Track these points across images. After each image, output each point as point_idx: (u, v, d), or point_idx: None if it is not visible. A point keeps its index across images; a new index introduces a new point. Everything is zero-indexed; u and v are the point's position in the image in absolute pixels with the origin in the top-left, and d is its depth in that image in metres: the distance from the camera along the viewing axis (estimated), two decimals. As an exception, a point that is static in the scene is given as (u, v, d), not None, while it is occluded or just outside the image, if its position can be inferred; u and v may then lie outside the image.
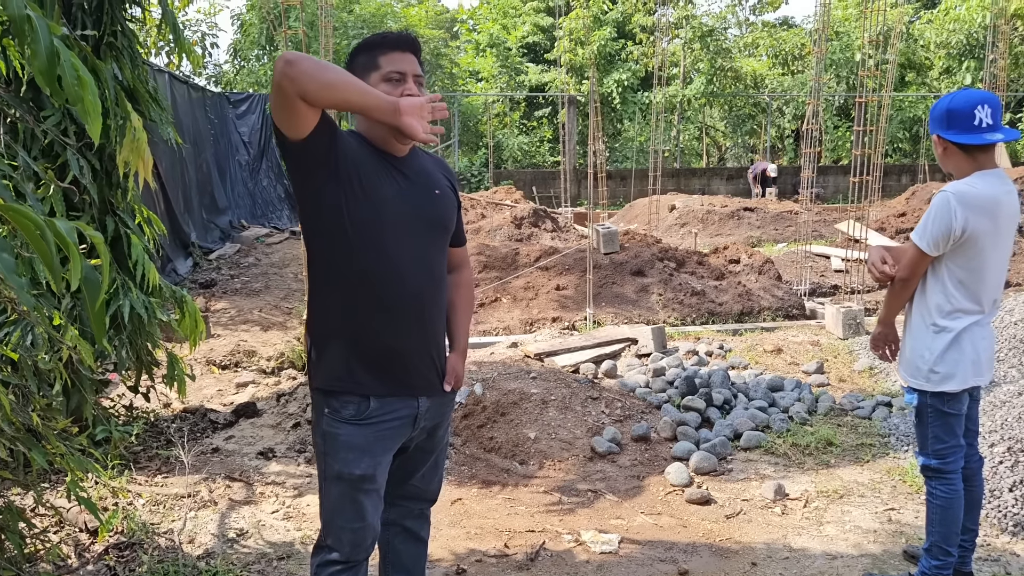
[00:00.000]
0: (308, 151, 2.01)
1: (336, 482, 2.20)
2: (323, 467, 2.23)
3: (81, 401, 3.85)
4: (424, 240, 2.21)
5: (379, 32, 2.25)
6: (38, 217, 1.10)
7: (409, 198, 2.17)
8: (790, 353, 6.23)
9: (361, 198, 2.08)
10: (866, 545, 3.42)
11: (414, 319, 2.21)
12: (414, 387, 2.25)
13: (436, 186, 2.27)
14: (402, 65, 2.15)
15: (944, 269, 2.83)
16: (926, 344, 2.88)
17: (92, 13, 3.86)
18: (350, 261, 2.12)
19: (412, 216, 2.16)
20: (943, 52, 20.19)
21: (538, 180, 18.42)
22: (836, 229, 11.98)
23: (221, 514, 3.65)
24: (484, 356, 5.97)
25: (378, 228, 2.11)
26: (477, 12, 25.92)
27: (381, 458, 2.23)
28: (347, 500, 2.21)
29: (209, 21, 18.77)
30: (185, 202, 10.96)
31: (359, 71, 2.15)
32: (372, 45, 2.18)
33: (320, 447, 2.24)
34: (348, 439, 2.18)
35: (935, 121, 2.86)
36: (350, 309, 2.15)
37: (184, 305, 4.10)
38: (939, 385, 2.86)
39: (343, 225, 2.08)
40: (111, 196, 4.01)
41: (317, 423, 2.25)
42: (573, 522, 3.66)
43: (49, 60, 1.41)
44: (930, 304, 2.88)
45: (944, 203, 2.75)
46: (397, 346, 2.19)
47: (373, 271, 2.12)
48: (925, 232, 2.79)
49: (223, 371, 6.08)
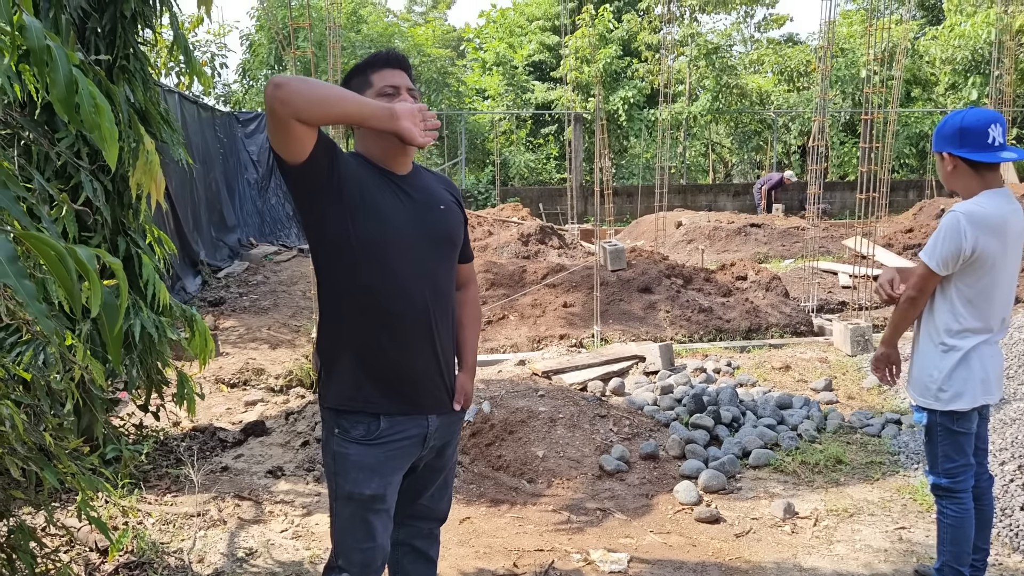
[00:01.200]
0: (308, 174, 2.02)
1: (346, 502, 2.21)
2: (333, 487, 2.24)
3: (92, 420, 3.88)
4: (430, 256, 2.22)
5: (379, 52, 2.29)
6: (59, 245, 1.13)
7: (413, 215, 2.18)
8: (798, 370, 6.22)
9: (365, 217, 2.09)
10: (877, 564, 3.40)
11: (422, 336, 2.21)
12: (423, 406, 2.25)
13: (441, 201, 2.28)
14: (394, 80, 2.19)
15: (952, 288, 2.84)
16: (934, 363, 2.88)
17: (105, 37, 3.92)
18: (356, 279, 2.13)
19: (417, 233, 2.18)
20: (948, 68, 20.22)
21: (545, 197, 18.47)
22: (843, 245, 11.97)
23: (230, 533, 3.66)
24: (492, 374, 5.98)
25: (383, 246, 2.12)
26: (483, 31, 26.12)
27: (391, 478, 2.23)
28: (357, 520, 2.22)
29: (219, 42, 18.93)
30: (194, 220, 11.03)
31: (357, 89, 2.18)
32: (363, 66, 2.23)
33: (330, 467, 2.24)
34: (358, 459, 2.18)
35: (945, 139, 2.85)
36: (358, 328, 2.16)
37: (194, 324, 4.12)
38: (948, 404, 2.85)
39: (349, 245, 2.10)
40: (123, 216, 4.06)
41: (327, 443, 2.26)
42: (582, 541, 3.65)
43: (68, 89, 1.44)
44: (938, 323, 2.88)
45: (954, 223, 2.76)
46: (405, 364, 2.20)
47: (379, 289, 2.13)
48: (935, 252, 2.79)
49: (232, 389, 6.10)
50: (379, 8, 21.94)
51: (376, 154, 2.19)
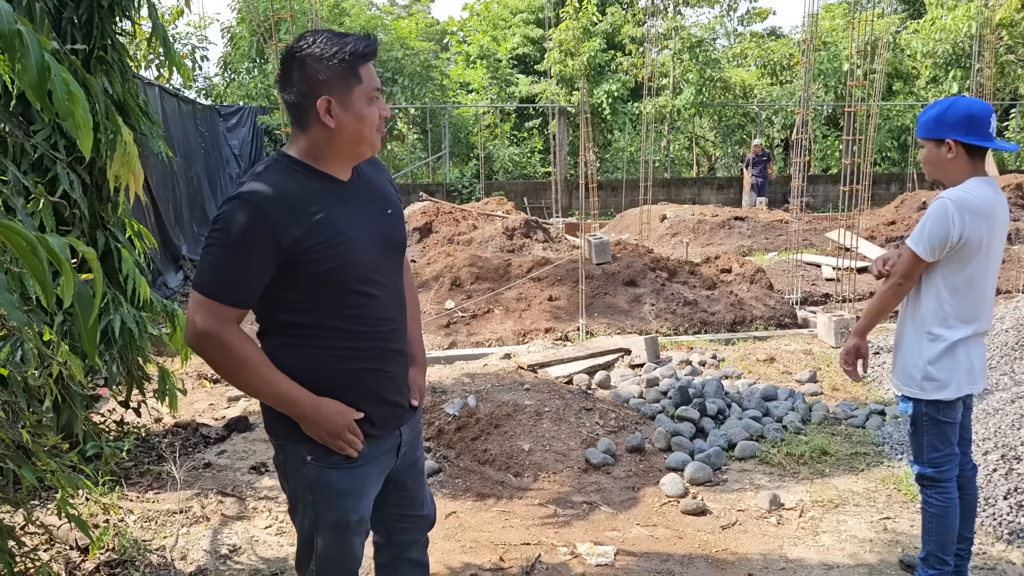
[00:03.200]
0: (269, 290, 1.94)
1: (332, 531, 2.08)
2: (311, 517, 2.07)
3: (71, 417, 3.82)
4: (387, 264, 2.08)
5: (345, 34, 1.94)
6: (30, 234, 1.09)
7: (367, 228, 2.01)
8: (783, 362, 6.24)
9: (331, 249, 1.92)
10: (862, 555, 3.41)
11: (393, 348, 2.11)
12: (400, 418, 2.17)
13: (387, 204, 2.13)
14: (376, 79, 1.97)
15: (938, 276, 2.83)
16: (920, 352, 2.88)
17: (82, 27, 3.85)
18: (330, 310, 1.98)
19: (375, 246, 2.02)
20: (930, 62, 20.34)
21: (529, 191, 18.44)
22: (826, 238, 12.03)
23: (213, 530, 3.61)
24: (477, 368, 5.96)
25: (351, 270, 1.97)
26: (467, 24, 25.99)
27: (372, 497, 2.14)
28: (343, 547, 2.11)
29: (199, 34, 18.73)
30: (176, 215, 10.93)
31: (337, 84, 1.90)
32: (350, 51, 1.91)
33: (304, 497, 2.07)
34: (343, 485, 2.05)
35: (949, 126, 2.78)
36: (333, 357, 2.01)
37: (175, 319, 4.08)
38: (933, 393, 2.86)
39: (317, 279, 1.93)
40: (101, 210, 4.00)
41: (296, 472, 2.06)
42: (568, 535, 3.64)
43: (40, 75, 1.40)
44: (924, 312, 2.87)
45: (943, 209, 2.75)
46: (384, 383, 2.09)
47: (351, 315, 2.00)
48: (922, 237, 2.78)
49: (215, 385, 6.04)
50: (362, 1, 21.78)
51: (317, 155, 1.97)
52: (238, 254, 1.86)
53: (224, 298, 1.88)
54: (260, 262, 1.87)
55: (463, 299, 7.86)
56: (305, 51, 1.91)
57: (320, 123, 1.92)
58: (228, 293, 1.88)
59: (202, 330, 1.87)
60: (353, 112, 1.92)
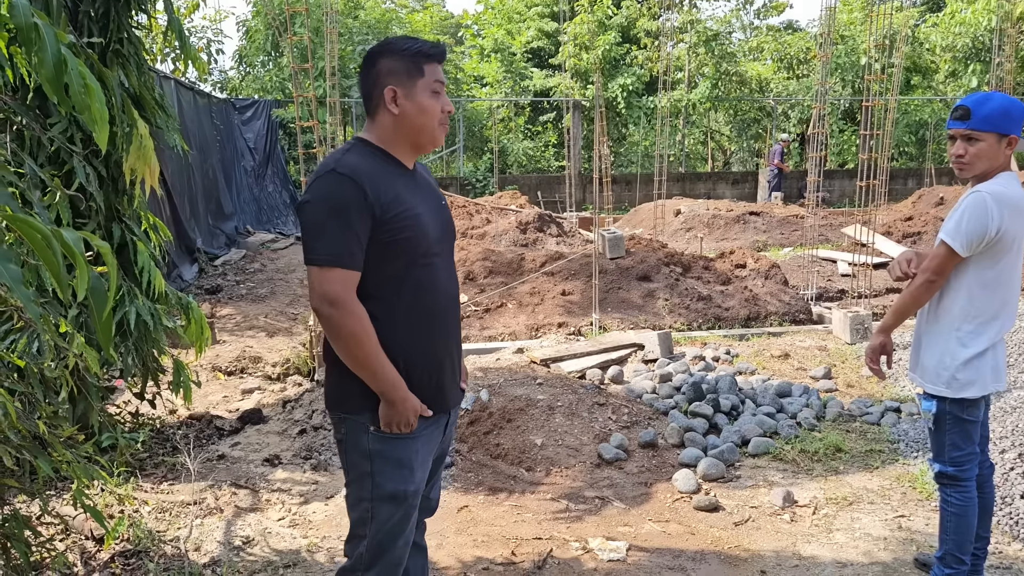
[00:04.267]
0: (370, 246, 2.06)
1: (388, 502, 2.15)
2: (370, 487, 2.16)
3: (87, 408, 3.85)
4: (447, 247, 2.25)
5: (418, 38, 2.19)
6: (45, 227, 1.09)
7: (431, 209, 2.19)
8: (797, 358, 6.20)
9: (407, 220, 2.08)
10: (876, 553, 3.39)
11: (453, 330, 2.25)
12: (454, 397, 2.29)
13: (440, 196, 2.31)
14: (442, 76, 2.17)
15: (970, 272, 2.77)
16: (950, 350, 2.82)
17: (98, 20, 3.87)
18: (399, 279, 2.12)
19: (439, 228, 2.20)
20: (949, 56, 20.12)
21: (543, 185, 18.41)
22: (842, 233, 11.94)
23: (227, 521, 3.64)
24: (490, 362, 5.96)
25: (421, 242, 2.12)
26: (482, 17, 25.95)
27: (426, 471, 2.24)
28: (398, 519, 2.18)
29: (215, 28, 18.79)
30: (191, 208, 10.98)
31: (402, 76, 2.11)
32: (417, 51, 2.13)
33: (363, 467, 2.16)
34: (400, 455, 2.15)
35: (1016, 121, 2.74)
36: (402, 326, 2.13)
37: (190, 311, 4.10)
38: (960, 391, 2.81)
39: (394, 247, 2.08)
40: (117, 203, 4.02)
41: (356, 443, 2.17)
42: (580, 529, 3.63)
43: (56, 68, 1.41)
44: (954, 309, 2.81)
45: (981, 203, 2.69)
46: (444, 359, 2.21)
47: (419, 284, 2.13)
48: (959, 232, 2.71)
49: (229, 377, 6.07)
50: (377, -6, 21.78)
51: (392, 143, 2.16)
52: (346, 220, 2.00)
53: (346, 263, 2.01)
54: (361, 226, 2.01)
55: (476, 293, 7.86)
56: (379, 49, 2.14)
57: (387, 111, 2.11)
58: (347, 258, 2.01)
59: (331, 297, 1.98)
60: (415, 102, 2.11)
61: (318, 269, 2.00)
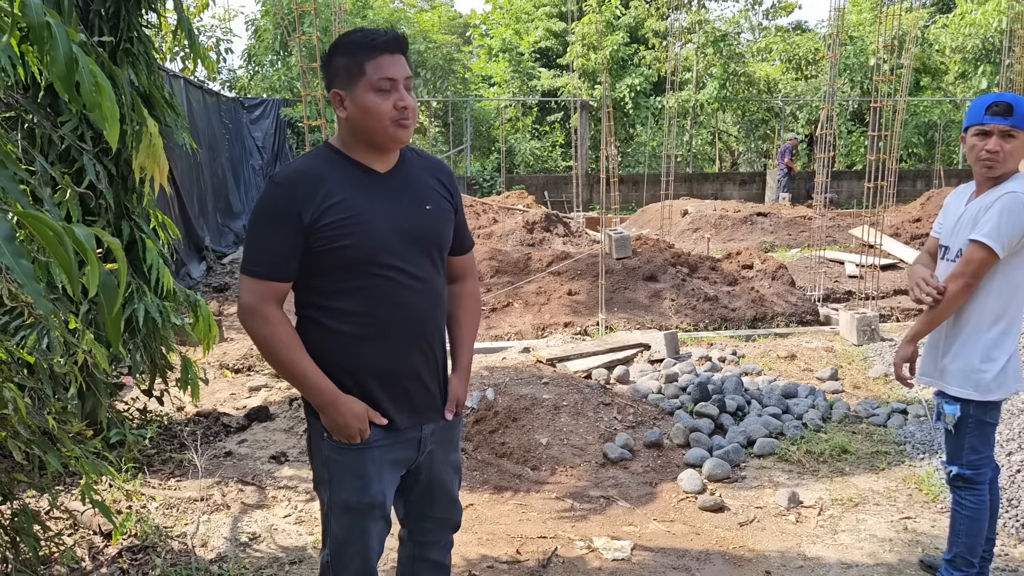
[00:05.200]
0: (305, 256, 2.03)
1: (344, 513, 2.11)
2: (326, 497, 2.13)
3: (96, 404, 3.88)
4: (415, 258, 2.08)
5: (361, 30, 2.01)
6: (57, 224, 1.11)
7: (393, 215, 2.05)
8: (804, 359, 6.19)
9: (344, 228, 1.99)
10: (882, 554, 3.39)
11: (415, 343, 2.12)
12: (422, 415, 2.17)
13: (427, 200, 2.14)
14: (392, 70, 1.97)
15: (999, 273, 2.75)
16: (980, 352, 2.79)
17: (109, 19, 3.90)
18: (346, 290, 2.04)
19: (398, 234, 2.05)
20: (959, 57, 20.03)
21: (550, 185, 18.41)
22: (850, 235, 11.91)
23: (234, 518, 3.66)
24: (496, 361, 5.97)
25: (364, 251, 2.01)
26: (490, 17, 25.96)
27: (388, 483, 2.14)
28: (356, 531, 2.13)
29: (224, 27, 18.85)
30: (200, 206, 11.03)
31: (342, 77, 2.00)
32: (356, 47, 1.98)
33: (322, 475, 2.13)
34: (354, 465, 2.08)
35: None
36: (346, 337, 2.06)
37: (198, 309, 4.12)
38: (987, 394, 2.79)
39: (330, 256, 2.00)
40: (127, 201, 4.04)
41: (316, 449, 2.13)
42: (585, 529, 3.64)
43: (68, 67, 1.42)
44: (984, 310, 2.78)
45: (1019, 204, 2.66)
46: (398, 372, 2.11)
47: (370, 297, 2.03)
48: (1000, 234, 2.67)
49: (236, 375, 6.10)
50: (385, -6, 21.81)
51: (357, 149, 2.06)
52: (268, 230, 2.01)
53: (259, 273, 2.01)
54: (287, 237, 1.98)
55: (483, 292, 7.88)
56: (330, 48, 2.05)
57: (338, 115, 2.05)
58: (262, 268, 2.01)
59: (243, 305, 2.02)
60: (358, 104, 1.99)
61: (241, 276, 2.05)
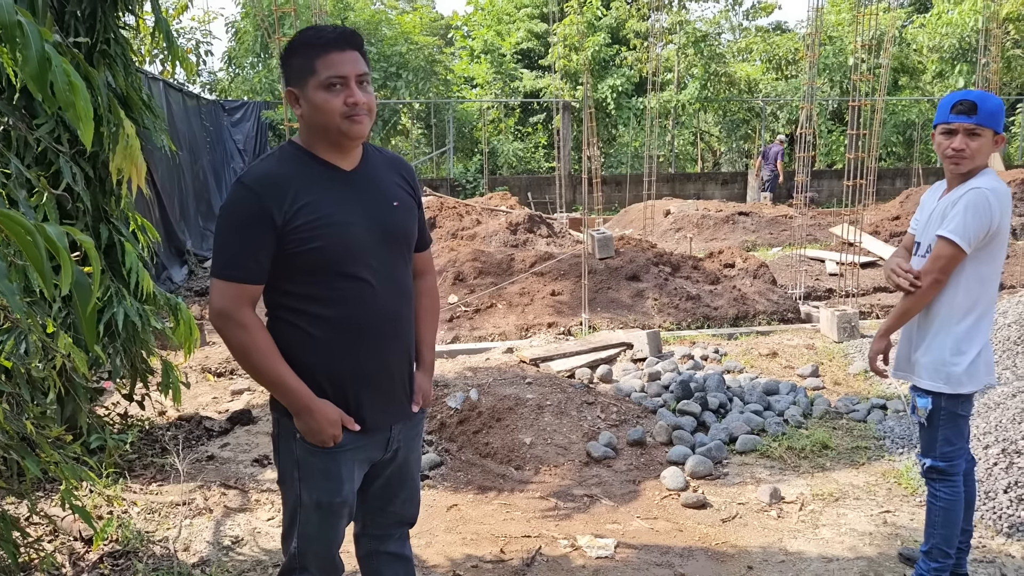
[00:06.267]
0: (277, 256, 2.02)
1: (314, 510, 2.14)
2: (296, 494, 2.14)
3: (75, 409, 3.84)
4: (387, 256, 2.10)
5: (313, 28, 2.02)
6: (28, 223, 1.10)
7: (364, 215, 2.05)
8: (785, 357, 6.24)
9: (317, 230, 1.99)
10: (862, 548, 3.42)
11: (390, 343, 2.12)
12: (393, 414, 2.18)
13: (394, 196, 2.14)
14: (342, 68, 1.96)
15: (966, 268, 2.79)
16: (950, 346, 2.84)
17: (85, 20, 3.86)
18: (320, 292, 2.03)
19: (370, 233, 2.05)
20: (936, 56, 20.27)
21: (533, 186, 18.44)
22: (831, 233, 12.01)
23: (216, 522, 3.64)
24: (480, 362, 5.97)
25: (338, 252, 2.01)
26: (471, 19, 25.96)
27: (356, 482, 2.18)
28: (326, 527, 2.16)
29: (203, 29, 18.74)
30: (181, 209, 10.96)
31: (296, 76, 2.01)
32: (306, 46, 1.99)
33: (291, 473, 2.14)
34: (325, 466, 2.10)
35: (1000, 120, 2.78)
36: (322, 340, 2.05)
37: (179, 313, 4.10)
38: (958, 387, 2.83)
39: (303, 257, 2.00)
40: (105, 203, 4.01)
41: (287, 448, 2.14)
42: (569, 527, 3.65)
43: (40, 66, 1.41)
44: (954, 304, 2.83)
45: (983, 200, 2.72)
46: (375, 373, 2.11)
47: (346, 298, 2.03)
48: (966, 230, 2.72)
49: (218, 378, 6.07)
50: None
51: (321, 148, 2.06)
52: (238, 234, 1.99)
53: (231, 276, 1.99)
54: (259, 239, 1.97)
55: (466, 293, 7.87)
56: (285, 48, 2.06)
57: (297, 113, 2.06)
58: (234, 271, 1.99)
59: (215, 309, 2.00)
60: (310, 101, 1.99)
61: (213, 280, 2.02)
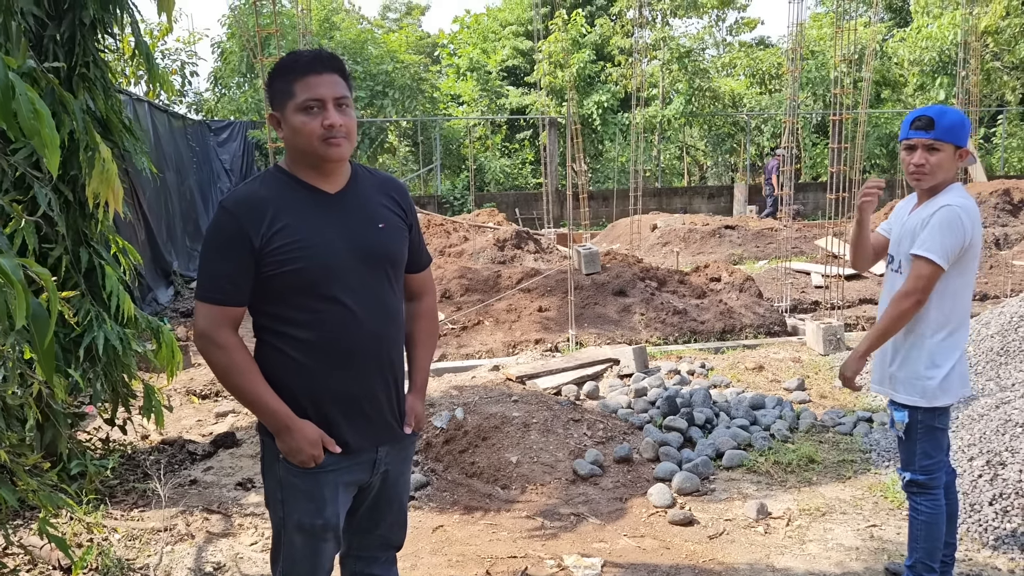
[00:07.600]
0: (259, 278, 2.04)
1: (297, 532, 2.13)
2: (280, 515, 2.14)
3: (55, 435, 3.80)
4: (370, 279, 2.09)
5: (293, 52, 2.07)
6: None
7: (345, 237, 2.05)
8: (771, 370, 6.24)
9: (294, 252, 2.00)
10: (848, 563, 3.41)
11: (373, 365, 2.12)
12: (374, 437, 2.16)
13: (380, 219, 2.13)
14: (319, 90, 1.99)
15: (941, 283, 2.81)
16: (925, 360, 2.86)
17: (64, 44, 3.86)
18: (300, 316, 2.04)
19: (351, 255, 2.05)
20: (917, 69, 20.49)
21: (520, 202, 18.47)
22: (816, 245, 12.07)
23: (198, 547, 3.59)
24: (466, 380, 5.95)
25: (317, 275, 2.01)
26: (457, 37, 26.10)
27: (342, 504, 2.16)
28: (309, 550, 2.15)
29: (189, 50, 18.77)
30: (168, 230, 10.91)
31: (277, 100, 2.04)
32: (285, 70, 2.03)
33: (275, 494, 2.14)
34: (309, 489, 2.10)
35: (961, 134, 2.80)
36: (303, 362, 2.06)
37: (160, 335, 4.07)
38: (934, 400, 2.85)
39: (282, 280, 2.01)
40: (85, 227, 3.99)
41: (271, 469, 2.15)
42: (556, 547, 3.62)
43: (3, 94, 1.40)
44: (928, 318, 2.85)
45: (955, 217, 2.75)
46: (356, 396, 2.11)
47: (325, 321, 2.04)
48: (944, 248, 2.75)
49: (203, 401, 6.02)
50: (352, 15, 21.85)
51: (305, 172, 2.08)
52: (218, 256, 2.03)
53: (212, 298, 2.02)
54: (237, 261, 2.00)
55: (453, 311, 7.86)
56: (269, 75, 2.10)
57: (281, 136, 2.09)
58: (214, 294, 2.02)
59: (198, 330, 2.03)
60: (289, 125, 2.03)
61: (196, 303, 2.06)
